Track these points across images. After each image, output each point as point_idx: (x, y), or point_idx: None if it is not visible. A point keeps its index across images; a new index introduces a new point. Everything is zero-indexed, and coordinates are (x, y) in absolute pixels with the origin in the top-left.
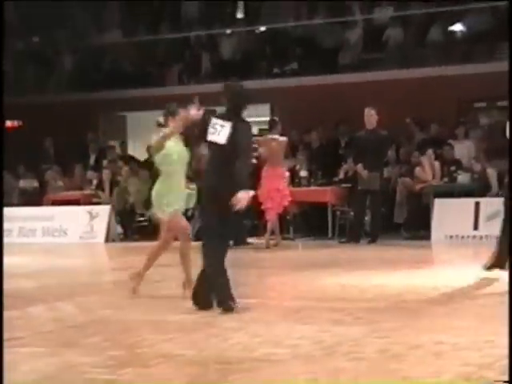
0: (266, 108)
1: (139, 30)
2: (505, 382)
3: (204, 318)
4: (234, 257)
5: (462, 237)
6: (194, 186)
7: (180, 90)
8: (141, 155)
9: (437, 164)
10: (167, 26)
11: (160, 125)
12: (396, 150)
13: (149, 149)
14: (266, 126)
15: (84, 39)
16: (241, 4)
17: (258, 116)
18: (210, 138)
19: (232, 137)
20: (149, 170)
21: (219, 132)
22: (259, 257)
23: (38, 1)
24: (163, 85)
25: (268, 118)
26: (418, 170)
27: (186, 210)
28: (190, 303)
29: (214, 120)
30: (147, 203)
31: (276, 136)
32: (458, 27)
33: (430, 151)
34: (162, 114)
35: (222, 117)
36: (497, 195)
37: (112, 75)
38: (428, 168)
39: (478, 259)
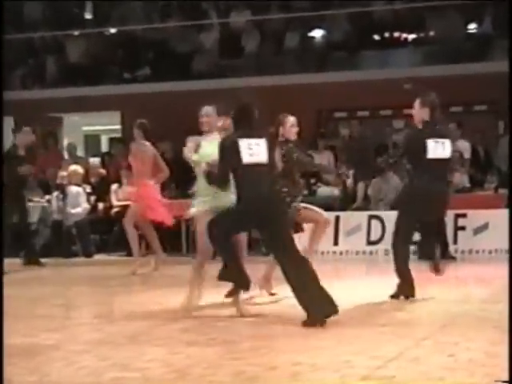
0: (116, 116)
1: None
2: (504, 381)
3: (47, 340)
4: (77, 273)
5: (322, 252)
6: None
7: (24, 95)
8: None
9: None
10: (9, 27)
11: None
12: None
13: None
14: (117, 135)
15: None
16: (89, 4)
17: (108, 124)
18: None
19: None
20: None
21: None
22: (108, 274)
23: None
24: (5, 89)
25: (118, 127)
26: None
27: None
28: (31, 324)
29: (243, 140)
30: None
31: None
32: (316, 33)
33: None
34: (6, 121)
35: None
36: (357, 209)
37: None
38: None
39: (338, 276)
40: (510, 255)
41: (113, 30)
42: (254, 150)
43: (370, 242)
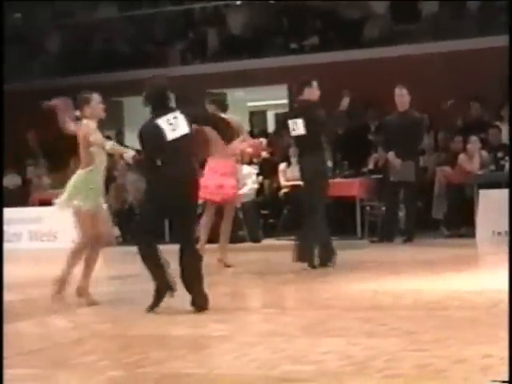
0: (283, 89)
1: (136, 4)
2: (504, 381)
3: (216, 331)
4: (244, 260)
5: None
6: None
7: (184, 70)
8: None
9: (484, 152)
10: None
11: (78, 118)
12: (433, 135)
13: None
14: (283, 110)
15: (72, 15)
16: None
17: (274, 99)
18: (173, 135)
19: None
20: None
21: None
22: (278, 260)
23: None
24: (164, 65)
25: (285, 101)
26: (462, 157)
27: None
28: (199, 315)
29: (161, 119)
30: None
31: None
32: None
33: (474, 137)
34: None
35: (165, 112)
36: None
37: (105, 56)
38: (476, 156)
39: None
40: (509, 249)
41: None
42: (174, 125)
43: None
